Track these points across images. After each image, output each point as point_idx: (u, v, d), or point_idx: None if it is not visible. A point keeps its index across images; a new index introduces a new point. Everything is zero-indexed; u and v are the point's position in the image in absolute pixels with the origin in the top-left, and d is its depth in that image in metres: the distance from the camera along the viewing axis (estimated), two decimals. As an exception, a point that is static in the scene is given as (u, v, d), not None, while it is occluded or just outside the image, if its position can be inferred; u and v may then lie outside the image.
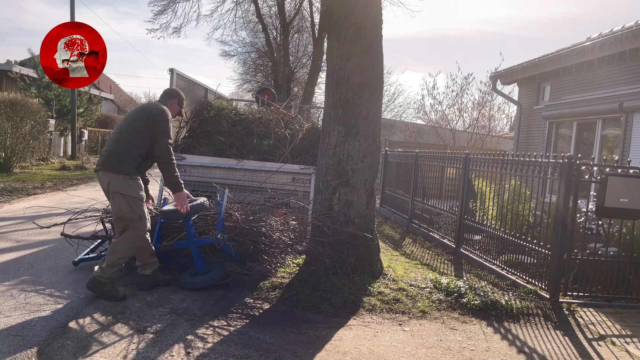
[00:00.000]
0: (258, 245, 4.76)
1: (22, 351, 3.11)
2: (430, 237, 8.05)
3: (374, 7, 5.07)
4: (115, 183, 4.13)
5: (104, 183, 4.20)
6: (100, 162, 4.24)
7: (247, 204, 5.18)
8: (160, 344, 3.35)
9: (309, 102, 20.76)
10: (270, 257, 4.88)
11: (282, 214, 6.68)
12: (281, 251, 4.98)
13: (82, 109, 22.13)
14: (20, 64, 22.15)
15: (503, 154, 7.41)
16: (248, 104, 10.77)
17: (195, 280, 4.56)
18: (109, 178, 4.14)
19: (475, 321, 4.31)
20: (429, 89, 25.31)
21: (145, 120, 4.25)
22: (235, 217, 4.80)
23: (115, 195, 4.14)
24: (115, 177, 4.13)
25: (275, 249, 4.90)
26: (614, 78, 9.49)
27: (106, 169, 4.17)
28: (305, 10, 23.31)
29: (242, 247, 4.71)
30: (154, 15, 19.66)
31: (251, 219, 4.88)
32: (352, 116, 5.01)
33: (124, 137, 4.26)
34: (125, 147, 4.21)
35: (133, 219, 4.17)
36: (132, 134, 4.25)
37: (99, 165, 4.23)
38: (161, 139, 4.22)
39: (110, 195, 4.19)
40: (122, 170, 4.15)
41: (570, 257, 4.98)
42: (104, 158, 4.22)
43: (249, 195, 6.36)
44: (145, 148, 4.25)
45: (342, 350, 3.50)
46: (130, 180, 4.18)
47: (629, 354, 3.87)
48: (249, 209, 5.07)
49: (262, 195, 6.67)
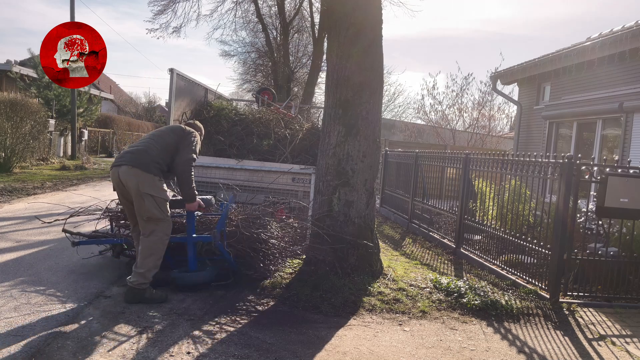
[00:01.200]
0: (256, 253, 4.73)
1: (22, 351, 3.11)
2: (430, 237, 8.05)
3: (374, 7, 5.07)
4: (146, 184, 4.07)
5: (130, 181, 4.08)
6: (127, 159, 4.15)
7: (247, 208, 5.15)
8: (160, 344, 3.35)
9: (309, 102, 20.76)
10: (267, 264, 4.82)
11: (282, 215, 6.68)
12: (279, 256, 4.96)
13: (82, 109, 22.13)
14: (20, 64, 22.14)
15: (503, 154, 7.41)
16: (248, 104, 10.77)
17: (183, 276, 4.48)
18: (139, 178, 4.06)
19: (475, 321, 4.31)
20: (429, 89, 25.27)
21: (176, 135, 4.39)
22: (235, 221, 4.76)
23: (146, 197, 4.06)
24: (145, 177, 4.07)
25: (272, 255, 4.86)
26: (614, 78, 9.49)
27: (136, 166, 4.08)
28: (305, 10, 23.34)
29: (240, 253, 4.65)
30: (153, 15, 19.69)
31: (251, 225, 4.83)
32: (352, 116, 5.01)
33: (153, 143, 4.29)
34: (155, 152, 4.22)
35: (162, 219, 4.16)
36: (161, 143, 4.30)
37: (126, 160, 4.14)
38: (185, 150, 4.28)
39: (139, 196, 4.07)
40: (151, 170, 4.11)
41: (570, 257, 4.98)
42: (132, 155, 4.16)
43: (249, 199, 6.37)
44: (169, 159, 4.28)
45: (342, 350, 3.50)
46: (159, 182, 4.17)
47: (629, 354, 3.87)
48: (249, 213, 5.02)
49: (262, 195, 6.68)
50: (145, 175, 4.08)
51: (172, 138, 4.36)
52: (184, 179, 4.30)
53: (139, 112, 40.60)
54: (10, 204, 8.72)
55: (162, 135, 4.41)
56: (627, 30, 8.56)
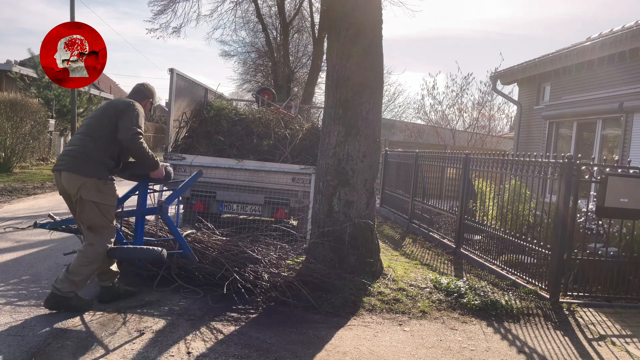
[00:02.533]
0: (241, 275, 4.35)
1: (22, 351, 3.11)
2: (430, 237, 8.05)
3: (374, 7, 5.07)
4: (87, 190, 3.71)
5: (71, 188, 3.72)
6: (66, 163, 3.75)
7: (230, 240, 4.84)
8: (160, 344, 3.35)
9: (309, 102, 20.75)
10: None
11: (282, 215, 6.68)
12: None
13: (82, 109, 22.09)
14: (20, 64, 22.13)
15: (503, 154, 7.41)
16: (248, 104, 10.77)
17: (122, 249, 4.05)
18: (79, 183, 3.70)
19: (475, 321, 4.31)
20: (429, 89, 25.26)
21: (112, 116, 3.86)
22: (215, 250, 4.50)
23: (87, 204, 3.71)
24: (86, 183, 3.70)
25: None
26: (614, 78, 9.48)
27: (74, 171, 3.70)
28: (305, 10, 23.32)
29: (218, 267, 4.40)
30: (153, 15, 19.69)
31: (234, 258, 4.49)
32: (352, 116, 5.01)
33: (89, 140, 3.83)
34: (94, 151, 3.78)
35: (105, 226, 3.83)
36: (99, 135, 3.84)
37: (65, 165, 3.74)
38: (122, 129, 3.79)
39: (80, 203, 3.73)
40: (94, 174, 3.72)
41: (570, 257, 4.98)
42: (70, 159, 3.76)
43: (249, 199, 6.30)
44: (116, 148, 3.87)
45: (342, 350, 3.50)
46: (105, 185, 3.80)
47: (629, 354, 3.87)
48: (231, 245, 4.70)
49: (262, 195, 6.68)
50: (86, 181, 3.71)
51: (107, 125, 3.84)
52: (137, 154, 3.90)
53: (139, 112, 40.48)
54: (10, 204, 8.72)
55: (96, 125, 3.88)
56: (627, 30, 8.56)
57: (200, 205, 6.61)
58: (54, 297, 3.71)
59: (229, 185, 6.64)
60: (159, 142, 32.18)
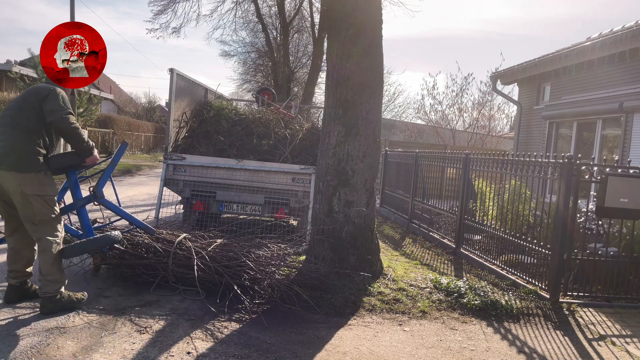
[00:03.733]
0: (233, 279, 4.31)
1: (22, 351, 3.11)
2: (430, 237, 8.05)
3: (374, 7, 5.07)
4: (29, 185, 3.62)
5: (10, 186, 3.61)
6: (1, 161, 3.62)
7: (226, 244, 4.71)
8: (160, 344, 3.35)
9: (309, 102, 20.76)
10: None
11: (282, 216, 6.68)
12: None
13: (82, 109, 22.09)
14: (20, 64, 22.14)
15: (503, 154, 7.41)
16: (248, 104, 10.77)
17: (75, 246, 3.99)
18: (19, 180, 3.60)
19: (475, 321, 4.31)
20: (429, 89, 25.27)
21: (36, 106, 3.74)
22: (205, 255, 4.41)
23: (33, 198, 3.63)
24: (26, 179, 3.62)
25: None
26: (614, 78, 9.49)
27: (11, 169, 3.59)
28: (305, 10, 23.34)
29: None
30: (153, 15, 19.70)
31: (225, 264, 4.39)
32: (352, 116, 5.01)
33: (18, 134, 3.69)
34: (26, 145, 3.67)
35: (54, 217, 3.79)
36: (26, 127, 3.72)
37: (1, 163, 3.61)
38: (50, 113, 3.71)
39: (25, 200, 3.63)
40: (32, 168, 3.65)
41: (570, 257, 4.98)
42: (2, 157, 3.61)
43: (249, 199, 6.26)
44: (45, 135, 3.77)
45: (342, 350, 3.50)
46: (45, 176, 3.74)
47: (629, 354, 3.87)
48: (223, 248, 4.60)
49: (262, 195, 6.68)
50: (26, 176, 3.62)
51: (32, 114, 3.73)
52: (70, 136, 3.83)
53: (139, 112, 40.59)
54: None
55: (21, 117, 3.73)
56: (627, 30, 8.56)
57: (200, 205, 6.61)
58: (46, 301, 3.73)
59: (229, 185, 6.64)
60: (159, 142, 32.20)
